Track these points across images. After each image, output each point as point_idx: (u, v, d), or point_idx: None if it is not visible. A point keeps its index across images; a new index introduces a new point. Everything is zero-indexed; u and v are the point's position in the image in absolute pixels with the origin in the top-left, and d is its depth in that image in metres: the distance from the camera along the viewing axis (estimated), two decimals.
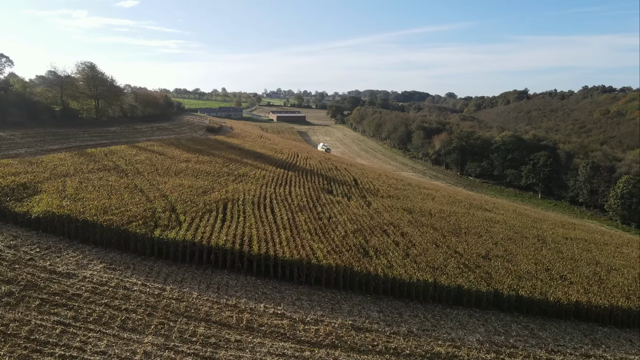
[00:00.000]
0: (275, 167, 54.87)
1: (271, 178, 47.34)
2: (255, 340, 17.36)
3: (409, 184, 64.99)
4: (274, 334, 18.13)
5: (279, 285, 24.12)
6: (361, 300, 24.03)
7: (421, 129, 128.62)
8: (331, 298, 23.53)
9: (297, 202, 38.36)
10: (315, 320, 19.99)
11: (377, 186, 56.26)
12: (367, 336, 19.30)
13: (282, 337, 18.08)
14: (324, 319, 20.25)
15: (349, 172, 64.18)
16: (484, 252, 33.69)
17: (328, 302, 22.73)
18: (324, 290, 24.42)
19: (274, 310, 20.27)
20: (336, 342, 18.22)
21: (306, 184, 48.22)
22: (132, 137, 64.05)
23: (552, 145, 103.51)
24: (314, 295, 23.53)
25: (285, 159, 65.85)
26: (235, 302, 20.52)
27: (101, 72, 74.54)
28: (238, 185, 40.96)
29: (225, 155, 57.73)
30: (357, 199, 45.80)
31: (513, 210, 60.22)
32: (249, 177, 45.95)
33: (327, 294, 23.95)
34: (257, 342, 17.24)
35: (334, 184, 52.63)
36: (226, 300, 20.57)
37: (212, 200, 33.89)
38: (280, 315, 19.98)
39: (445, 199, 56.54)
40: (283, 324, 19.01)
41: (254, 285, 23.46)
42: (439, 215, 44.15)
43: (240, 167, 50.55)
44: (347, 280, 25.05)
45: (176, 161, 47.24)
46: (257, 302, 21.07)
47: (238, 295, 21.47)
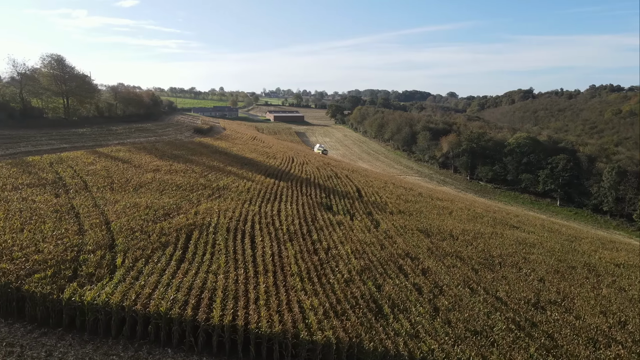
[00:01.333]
0: (264, 177, 46.55)
1: (258, 192, 39.01)
2: None
3: (420, 194, 56.70)
4: None
5: None
6: None
7: (427, 130, 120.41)
8: None
9: (287, 226, 30.05)
10: None
11: (384, 198, 48.00)
12: None
13: None
14: None
15: (351, 181, 55.89)
16: (532, 296, 25.42)
17: None
18: None
19: None
20: None
21: (300, 198, 39.90)
22: (102, 140, 55.76)
23: (571, 148, 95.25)
24: None
25: (277, 165, 57.53)
26: None
27: (71, 66, 66.19)
28: (213, 203, 32.63)
29: (206, 162, 49.41)
30: (362, 217, 37.53)
31: (541, 226, 51.96)
32: (230, 191, 37.62)
33: None
34: None
35: (334, 196, 44.34)
36: None
37: (172, 227, 25.59)
38: None
39: (463, 213, 48.28)
40: None
41: None
42: (463, 239, 35.89)
43: (221, 178, 42.22)
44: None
45: (142, 171, 38.93)
46: None
47: None
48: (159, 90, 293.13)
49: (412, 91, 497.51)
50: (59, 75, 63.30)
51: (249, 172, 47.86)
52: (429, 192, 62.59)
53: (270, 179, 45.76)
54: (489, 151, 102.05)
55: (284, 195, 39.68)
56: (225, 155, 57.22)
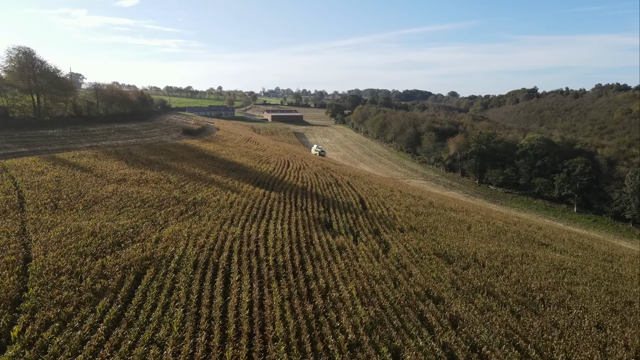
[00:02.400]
0: (253, 187, 40.10)
1: (243, 207, 32.56)
2: None
3: (431, 203, 50.29)
4: None
5: None
6: None
7: (432, 131, 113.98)
8: None
9: (275, 256, 23.63)
10: None
11: (391, 210, 41.63)
12: None
13: None
14: None
15: (354, 189, 49.49)
16: (599, 356, 19.05)
17: None
18: None
19: None
20: None
21: (294, 213, 33.47)
22: (71, 143, 49.28)
23: (588, 150, 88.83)
24: None
25: (270, 171, 51.07)
26: None
27: (41, 61, 59.53)
28: (184, 224, 26.20)
29: (186, 168, 42.98)
30: (367, 238, 31.13)
31: (570, 241, 45.58)
32: (209, 206, 31.18)
33: None
34: None
35: (334, 209, 37.93)
36: None
37: (119, 264, 19.19)
38: None
39: (483, 227, 41.88)
40: None
41: None
42: (491, 265, 29.52)
43: (200, 189, 35.75)
44: None
45: (103, 181, 32.49)
46: None
47: None
48: (155, 89, 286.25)
49: (412, 90, 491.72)
50: (28, 71, 56.74)
51: (236, 180, 41.37)
52: (439, 200, 56.18)
53: (259, 189, 39.29)
54: (499, 153, 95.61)
55: (275, 210, 33.22)
56: (211, 160, 50.74)
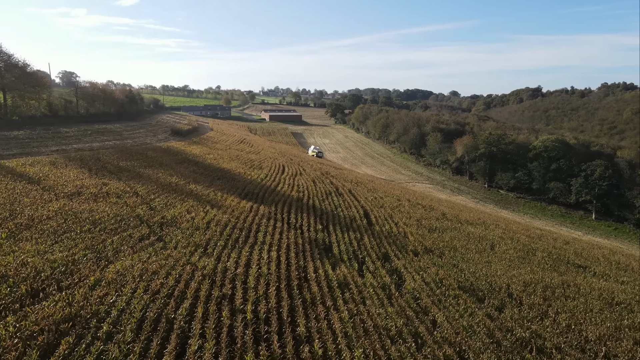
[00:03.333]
0: (239, 199, 34.10)
1: (222, 227, 26.55)
2: None
3: (444, 215, 44.34)
4: None
5: None
6: None
7: (437, 131, 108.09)
8: None
9: (255, 303, 17.67)
10: None
11: (401, 226, 35.68)
12: None
13: None
14: None
15: (356, 199, 43.53)
16: None
17: None
18: None
19: None
20: None
21: (286, 234, 27.49)
22: (35, 146, 43.32)
23: (607, 152, 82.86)
24: None
25: (262, 178, 45.07)
26: None
27: (8, 54, 53.61)
28: (139, 257, 20.19)
29: (162, 177, 36.99)
30: (375, 266, 25.18)
31: (606, 260, 39.61)
32: (179, 227, 25.18)
33: None
34: None
35: (334, 227, 31.96)
36: None
37: (23, 331, 13.19)
38: None
39: (508, 246, 35.91)
40: None
41: None
42: (530, 302, 23.56)
43: (173, 204, 29.73)
44: None
45: (51, 196, 26.51)
46: None
47: None
48: (151, 88, 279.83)
49: (413, 90, 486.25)
50: None
51: (219, 192, 35.34)
52: (452, 210, 50.19)
53: (246, 203, 33.26)
54: (510, 155, 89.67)
55: (262, 231, 27.23)
56: (194, 166, 44.74)
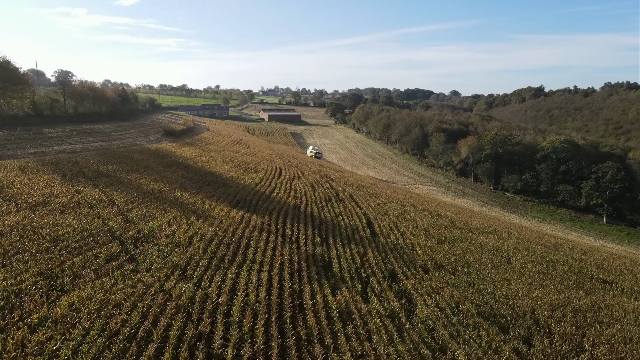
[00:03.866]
0: (229, 208, 30.88)
1: (207, 243, 23.30)
2: None
3: (452, 222, 41.12)
4: None
5: None
6: None
7: (440, 131, 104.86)
8: None
9: (238, 344, 14.45)
10: None
11: (407, 236, 32.48)
12: None
13: None
14: None
15: (358, 205, 40.30)
16: None
17: None
18: None
19: None
20: None
21: (279, 250, 24.26)
22: (12, 148, 40.09)
23: (619, 154, 79.66)
24: None
25: (257, 183, 41.85)
26: None
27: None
28: (102, 284, 16.92)
29: (145, 182, 33.75)
30: (381, 288, 21.98)
31: (629, 272, 36.37)
32: (157, 243, 21.96)
33: None
34: None
35: (334, 239, 28.74)
36: None
37: None
38: None
39: (525, 258, 32.69)
40: None
41: None
42: (561, 332, 20.36)
43: (153, 215, 26.48)
44: None
45: (11, 207, 23.18)
46: None
47: None
48: (148, 87, 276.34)
49: (414, 89, 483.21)
50: None
51: (208, 199, 32.11)
52: (460, 216, 46.98)
53: (237, 212, 30.03)
54: (517, 157, 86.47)
55: (253, 246, 24.00)
56: (183, 170, 41.50)
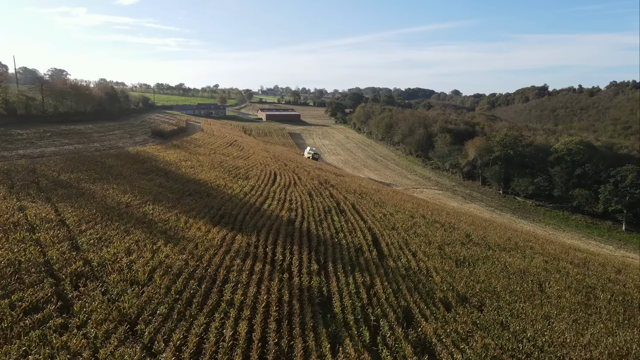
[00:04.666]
0: (209, 225, 25.96)
1: (172, 279, 18.36)
2: None
3: (468, 236, 36.16)
4: None
5: None
6: None
7: (446, 132, 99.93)
8: None
9: None
10: None
11: (420, 257, 27.59)
12: None
13: None
14: None
15: (362, 218, 35.36)
16: None
17: None
18: None
19: None
20: None
21: (266, 283, 19.35)
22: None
23: (638, 157, 74.72)
24: None
25: (246, 192, 36.89)
26: None
27: None
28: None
29: (114, 194, 28.84)
30: (396, 337, 17.09)
31: None
32: (105, 280, 17.02)
33: None
34: None
35: (334, 263, 23.83)
36: None
37: None
38: None
39: (559, 283, 27.74)
40: None
41: None
42: None
43: (110, 238, 21.53)
44: None
45: None
46: None
47: None
48: (145, 86, 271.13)
49: (415, 89, 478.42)
50: None
51: (185, 214, 27.19)
52: (474, 227, 42.03)
53: (218, 231, 25.09)
54: (528, 159, 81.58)
55: (233, 280, 19.07)
56: (163, 177, 36.59)
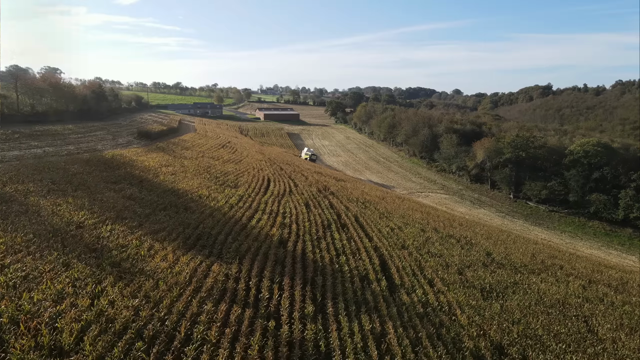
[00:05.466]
0: (180, 250, 21.01)
1: (108, 342, 13.41)
2: None
3: (489, 255, 31.17)
4: None
5: None
6: None
7: (452, 132, 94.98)
8: None
9: None
10: None
11: (438, 287, 22.65)
12: None
13: None
14: None
15: (366, 233, 30.35)
16: None
17: None
18: None
19: None
20: None
21: (242, 342, 14.41)
22: None
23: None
24: None
25: (233, 204, 31.89)
26: None
27: None
28: None
29: (66, 211, 23.76)
30: None
31: None
32: (11, 348, 12.04)
33: None
34: None
35: (334, 300, 18.83)
36: None
37: None
38: None
39: (612, 324, 22.71)
40: None
41: None
42: None
43: (39, 277, 16.56)
44: None
45: None
46: None
47: None
48: (141, 85, 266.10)
49: (416, 88, 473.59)
50: None
51: (151, 236, 22.19)
52: (494, 242, 37.05)
53: (190, 260, 20.09)
54: (541, 161, 76.65)
55: (199, 336, 14.14)
56: (135, 187, 31.59)
